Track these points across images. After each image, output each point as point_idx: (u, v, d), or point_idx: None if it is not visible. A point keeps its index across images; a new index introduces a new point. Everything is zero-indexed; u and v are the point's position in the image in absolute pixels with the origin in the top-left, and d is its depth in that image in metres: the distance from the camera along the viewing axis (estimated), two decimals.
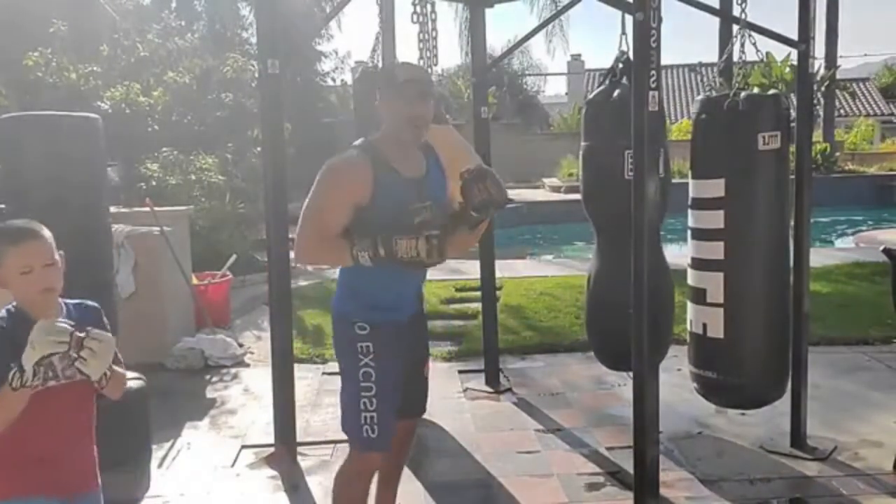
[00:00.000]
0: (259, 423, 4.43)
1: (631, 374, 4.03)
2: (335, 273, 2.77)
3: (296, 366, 4.16)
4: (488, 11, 4.96)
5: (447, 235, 2.40)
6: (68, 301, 2.09)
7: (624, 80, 3.90)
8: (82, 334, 1.87)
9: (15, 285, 1.95)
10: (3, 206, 4.01)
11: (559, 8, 13.45)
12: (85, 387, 2.01)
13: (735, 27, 3.76)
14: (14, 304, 1.99)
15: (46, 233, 2.04)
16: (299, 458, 3.92)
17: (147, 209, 5.95)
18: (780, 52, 16.45)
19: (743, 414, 4.28)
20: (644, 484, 3.29)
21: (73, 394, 2.02)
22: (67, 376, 1.98)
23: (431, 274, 2.85)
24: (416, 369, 2.74)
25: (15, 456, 1.99)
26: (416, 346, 2.75)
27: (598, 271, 4.12)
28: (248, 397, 4.99)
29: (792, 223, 3.81)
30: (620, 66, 3.93)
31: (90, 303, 2.17)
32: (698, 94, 5.72)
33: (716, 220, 3.61)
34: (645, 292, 3.20)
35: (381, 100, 2.52)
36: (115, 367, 2.03)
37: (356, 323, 2.55)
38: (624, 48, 3.83)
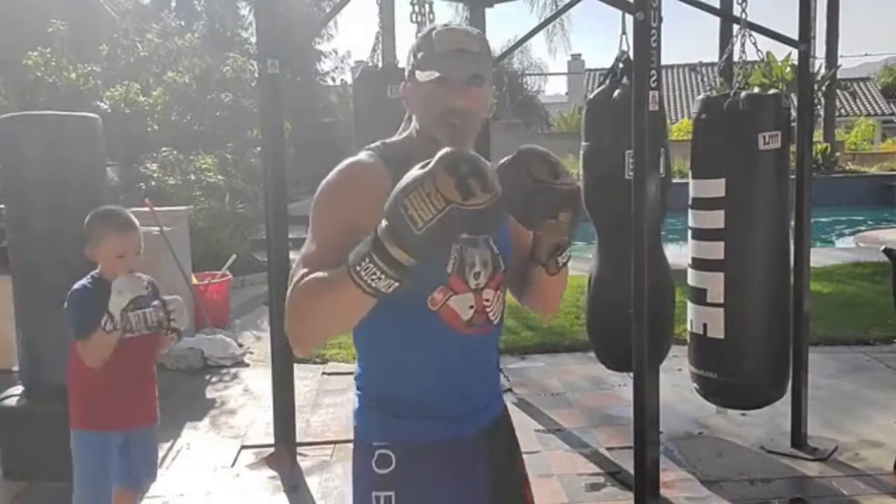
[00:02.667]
0: (259, 423, 4.42)
1: (630, 374, 4.04)
2: None
3: (296, 366, 4.16)
4: (488, 11, 4.95)
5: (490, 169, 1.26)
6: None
7: (624, 80, 3.89)
8: (160, 304, 2.57)
9: (106, 263, 2.49)
10: (2, 206, 4.01)
11: (559, 8, 13.44)
12: (153, 339, 2.59)
13: (735, 27, 3.76)
14: (97, 272, 2.52)
15: (138, 227, 2.57)
16: (299, 458, 3.92)
17: (147, 209, 5.94)
18: (780, 51, 16.44)
19: (743, 414, 4.28)
20: (644, 484, 3.28)
21: (144, 344, 2.55)
22: (139, 330, 2.51)
23: None
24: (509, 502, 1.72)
25: (95, 392, 2.51)
26: (501, 474, 1.67)
27: (598, 272, 4.12)
28: (247, 397, 4.98)
29: (792, 223, 3.81)
30: (621, 65, 3.93)
31: (148, 276, 2.64)
32: (698, 94, 5.71)
33: (716, 219, 3.61)
34: (645, 292, 3.20)
35: (408, 79, 1.57)
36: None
37: (375, 451, 1.53)
38: (624, 48, 3.83)
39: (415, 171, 1.24)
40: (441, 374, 1.53)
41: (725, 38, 11.06)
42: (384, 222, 1.25)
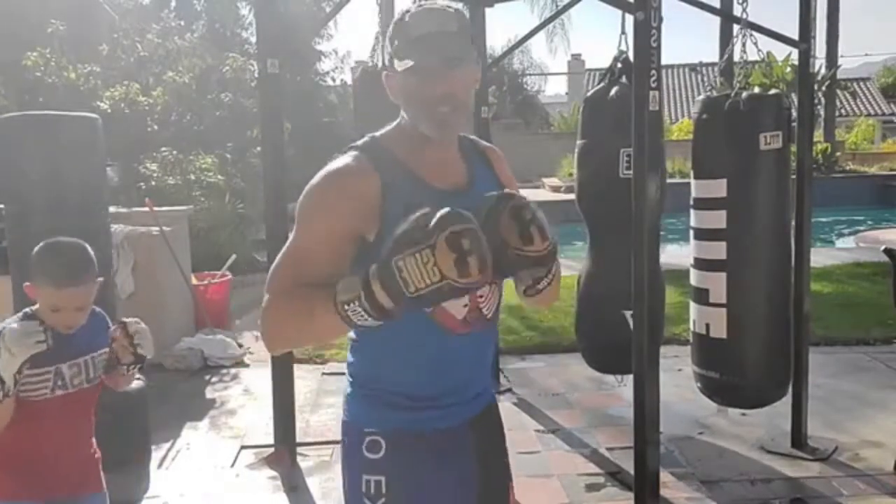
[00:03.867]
0: (259, 423, 4.42)
1: (619, 376, 4.04)
2: None
3: (296, 366, 4.16)
4: (488, 11, 4.95)
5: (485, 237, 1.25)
6: None
7: (623, 80, 3.89)
8: (119, 331, 2.02)
9: (43, 308, 1.97)
10: (2, 205, 4.01)
11: (559, 8, 13.44)
12: (89, 394, 2.08)
13: (736, 27, 3.76)
14: (32, 310, 2.00)
15: (89, 274, 2.00)
16: (299, 458, 3.92)
17: (146, 209, 5.94)
18: (780, 51, 16.46)
19: (743, 414, 4.27)
20: (644, 484, 3.28)
21: (77, 401, 2.05)
22: (76, 384, 2.02)
23: None
24: (491, 500, 1.65)
25: (16, 460, 2.00)
26: (487, 467, 1.63)
27: (589, 270, 4.11)
28: (247, 397, 4.98)
29: (793, 223, 3.80)
30: (619, 65, 3.93)
31: (97, 311, 2.15)
32: (699, 94, 5.71)
33: (718, 220, 3.60)
34: (645, 293, 3.19)
35: (388, 70, 1.49)
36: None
37: (365, 437, 1.53)
38: (624, 48, 3.83)
39: (413, 224, 1.22)
40: (434, 371, 1.53)
41: (725, 38, 11.07)
42: (376, 272, 1.23)
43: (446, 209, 1.22)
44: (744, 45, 3.73)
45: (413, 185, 1.47)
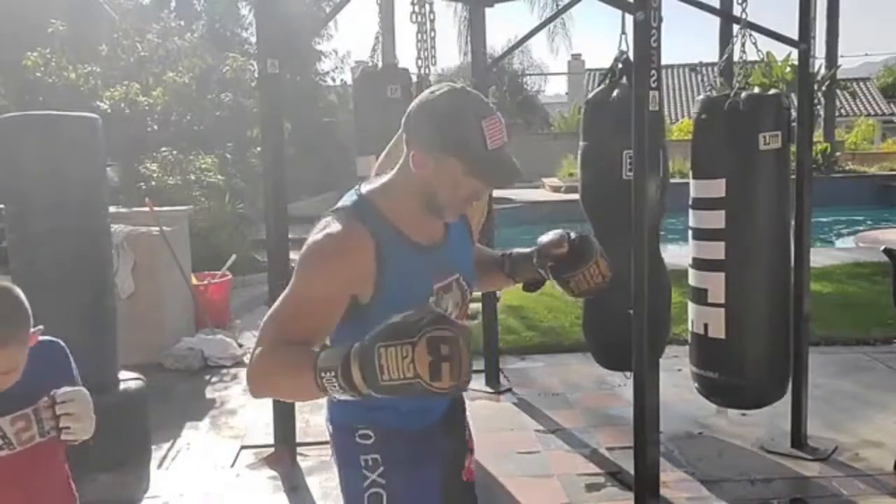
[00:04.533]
0: (259, 423, 4.42)
1: (629, 374, 4.04)
2: None
3: None
4: (488, 11, 4.95)
5: (466, 338, 1.32)
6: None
7: (623, 80, 3.89)
8: (46, 403, 1.64)
9: None
10: (2, 205, 4.01)
11: (559, 8, 13.44)
12: (49, 449, 1.74)
13: (735, 27, 3.76)
14: None
15: (13, 337, 1.63)
16: (299, 458, 3.92)
17: (147, 209, 5.94)
18: (780, 51, 16.43)
19: (743, 414, 4.28)
20: (644, 484, 3.28)
21: (32, 461, 1.72)
22: (25, 440, 1.70)
23: None
24: (454, 472, 1.89)
25: None
26: (453, 444, 1.88)
27: None
28: (247, 397, 4.97)
29: (792, 223, 3.81)
30: (620, 65, 3.93)
31: (48, 341, 1.82)
32: (698, 94, 5.71)
33: (717, 220, 3.61)
34: (645, 292, 3.20)
35: (438, 152, 1.55)
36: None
37: (357, 430, 1.72)
38: (624, 48, 3.83)
39: (405, 322, 1.30)
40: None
41: (725, 38, 11.07)
42: (357, 352, 1.32)
43: (439, 312, 1.33)
44: (743, 45, 3.73)
45: (402, 246, 1.61)
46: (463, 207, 1.65)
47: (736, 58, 3.79)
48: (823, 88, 18.81)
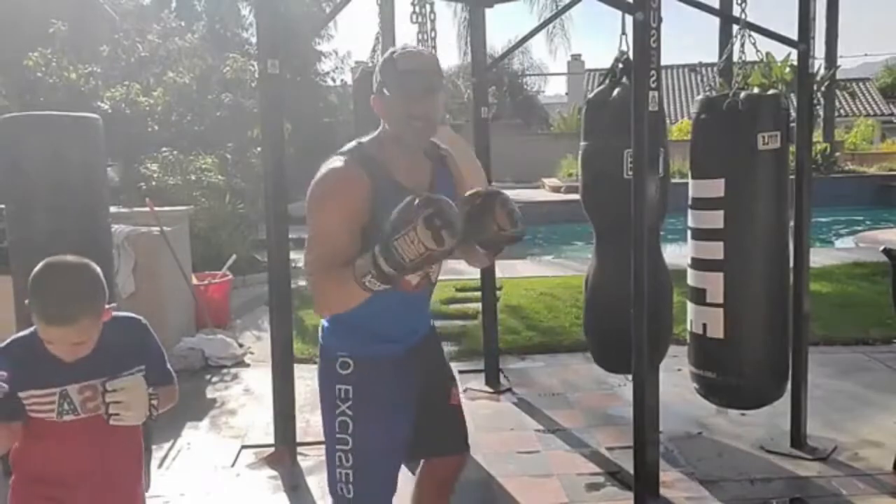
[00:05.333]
0: (259, 423, 4.43)
1: (629, 375, 4.05)
2: None
3: (296, 366, 4.16)
4: (488, 11, 4.96)
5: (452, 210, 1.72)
6: (105, 322, 1.89)
7: (624, 80, 3.90)
8: (100, 388, 1.76)
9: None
10: (2, 205, 4.01)
11: (559, 8, 13.44)
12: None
13: (735, 27, 3.76)
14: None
15: (86, 311, 1.79)
16: (299, 458, 3.93)
17: (147, 209, 5.95)
18: (780, 52, 16.44)
19: (743, 414, 4.28)
20: (644, 484, 3.29)
21: (100, 429, 1.83)
22: (89, 409, 1.83)
23: None
24: (436, 401, 2.24)
25: (44, 477, 1.88)
26: (431, 376, 2.24)
27: (596, 271, 4.12)
28: (248, 397, 4.99)
29: (792, 223, 3.81)
30: (620, 66, 3.93)
31: (130, 318, 2.00)
32: (698, 94, 5.72)
33: (715, 220, 3.61)
34: (645, 292, 3.20)
35: (376, 93, 2.01)
36: (160, 389, 1.90)
37: (338, 358, 2.08)
38: (624, 48, 3.83)
39: (400, 213, 1.70)
40: (393, 315, 2.07)
41: (725, 39, 11.07)
42: (380, 252, 1.72)
43: (423, 196, 1.71)
44: (743, 45, 3.73)
45: (390, 185, 1.95)
46: (412, 127, 1.96)
47: (735, 58, 3.79)
48: (823, 89, 18.78)
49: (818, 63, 17.31)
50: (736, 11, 3.75)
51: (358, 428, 2.07)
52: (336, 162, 1.96)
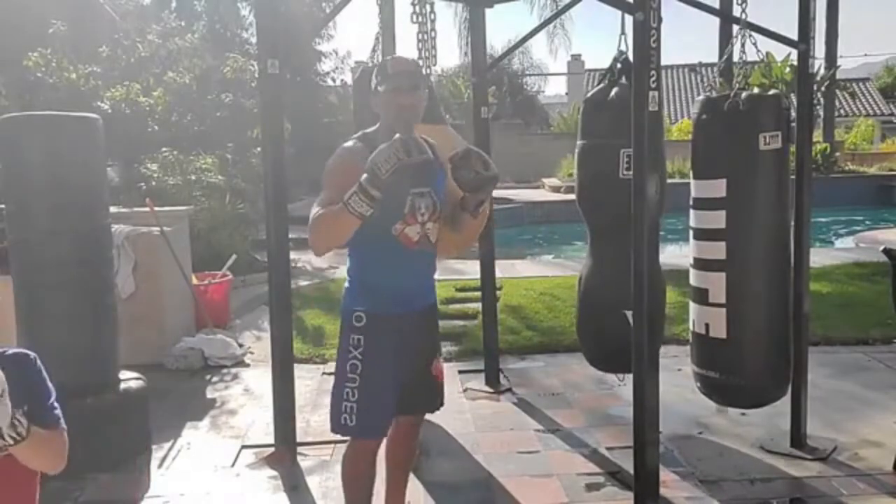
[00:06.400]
0: (259, 423, 4.43)
1: (620, 375, 4.05)
2: (336, 273, 2.80)
3: (296, 366, 4.16)
4: (488, 11, 4.95)
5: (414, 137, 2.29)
6: None
7: (623, 80, 3.90)
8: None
9: None
10: (2, 205, 4.01)
11: (559, 8, 13.44)
12: (9, 461, 1.63)
13: (735, 27, 3.76)
14: None
15: None
16: (299, 458, 3.92)
17: (147, 209, 5.95)
18: (780, 52, 16.45)
19: (743, 414, 4.28)
20: (644, 484, 3.29)
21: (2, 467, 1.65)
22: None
23: None
24: (422, 366, 2.70)
25: None
26: (423, 343, 2.69)
27: (590, 271, 4.11)
28: (248, 397, 4.98)
29: (792, 223, 3.81)
30: (619, 65, 3.93)
31: (17, 354, 1.78)
32: (698, 94, 5.71)
33: (717, 220, 3.61)
34: (645, 293, 3.20)
35: (373, 94, 2.56)
36: (37, 429, 1.60)
37: (354, 312, 2.57)
38: (623, 48, 3.83)
39: (382, 145, 2.24)
40: (399, 272, 2.56)
41: (725, 39, 11.07)
42: (364, 175, 2.22)
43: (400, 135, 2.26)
44: (743, 45, 3.73)
45: None
46: (401, 119, 2.45)
47: (735, 58, 3.79)
48: (823, 89, 18.79)
49: (818, 63, 17.32)
50: (736, 11, 3.75)
51: (365, 369, 2.55)
52: (347, 143, 2.56)
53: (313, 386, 5.09)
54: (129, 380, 3.97)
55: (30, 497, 1.77)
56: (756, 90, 4.16)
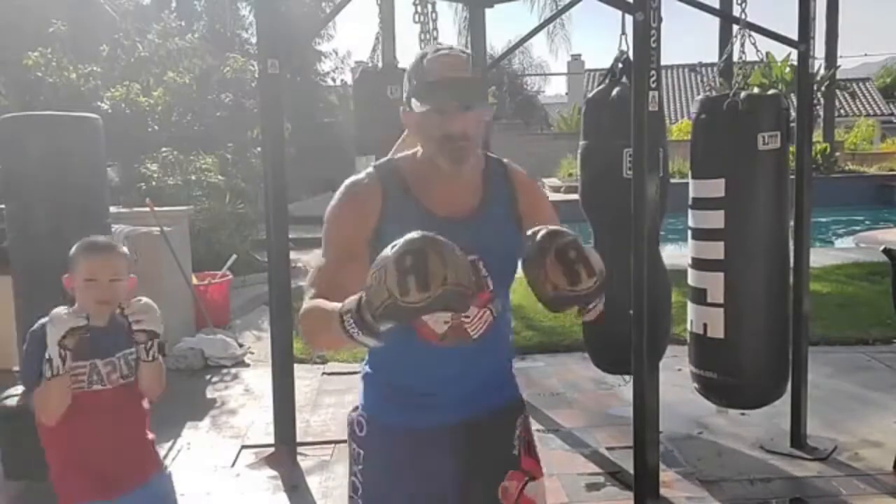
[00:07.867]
0: (259, 423, 4.43)
1: (627, 376, 4.05)
2: None
3: (296, 366, 4.16)
4: (488, 11, 4.95)
5: (449, 256, 1.23)
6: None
7: (623, 80, 3.90)
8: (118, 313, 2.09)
9: (79, 291, 2.13)
10: (2, 205, 4.01)
11: (559, 8, 13.45)
12: (129, 390, 2.16)
13: (735, 27, 3.76)
14: (72, 309, 2.05)
15: (120, 252, 2.22)
16: (299, 458, 3.92)
17: (147, 209, 5.95)
18: (780, 52, 16.43)
19: (743, 414, 4.28)
20: (644, 484, 3.29)
21: (119, 397, 2.14)
22: (112, 381, 2.12)
23: None
24: (480, 494, 1.71)
25: (80, 457, 2.12)
26: (475, 462, 1.70)
27: None
28: (248, 397, 4.99)
29: (792, 223, 3.81)
30: (620, 65, 3.94)
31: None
32: (698, 94, 5.72)
33: (716, 220, 3.61)
34: (645, 293, 3.20)
35: (404, 106, 1.65)
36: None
37: (359, 415, 1.75)
38: (624, 48, 3.83)
39: (386, 250, 1.24)
40: (419, 363, 1.65)
41: (725, 39, 11.06)
42: (361, 299, 1.27)
43: (425, 234, 1.24)
44: (743, 45, 3.73)
45: (414, 209, 1.61)
46: (446, 151, 1.58)
47: (735, 58, 3.79)
48: (823, 89, 18.79)
49: (818, 63, 17.31)
50: (736, 11, 3.75)
51: (365, 493, 1.73)
52: (358, 175, 1.68)
53: (313, 386, 5.09)
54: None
55: (140, 417, 2.27)
56: (756, 90, 4.16)
